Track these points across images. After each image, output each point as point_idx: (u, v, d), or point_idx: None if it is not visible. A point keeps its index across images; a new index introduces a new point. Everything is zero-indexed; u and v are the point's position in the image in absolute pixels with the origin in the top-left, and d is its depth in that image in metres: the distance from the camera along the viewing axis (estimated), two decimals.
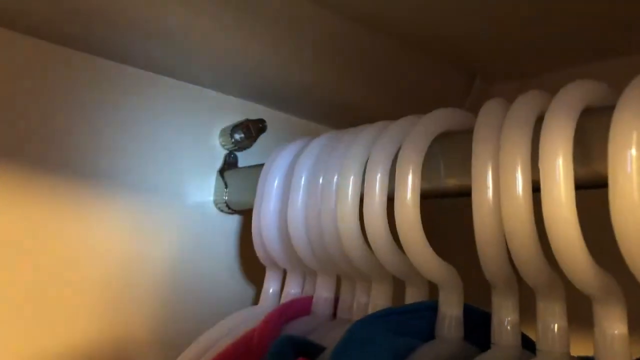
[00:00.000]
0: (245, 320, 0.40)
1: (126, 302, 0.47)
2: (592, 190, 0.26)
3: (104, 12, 0.40)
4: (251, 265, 0.51)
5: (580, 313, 0.30)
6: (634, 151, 0.23)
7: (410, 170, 0.31)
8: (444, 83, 0.58)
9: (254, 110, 0.55)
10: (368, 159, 0.34)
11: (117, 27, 0.43)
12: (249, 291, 0.54)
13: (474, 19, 0.47)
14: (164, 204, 0.50)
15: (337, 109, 0.57)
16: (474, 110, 0.32)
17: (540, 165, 0.26)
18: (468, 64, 0.57)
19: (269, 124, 0.52)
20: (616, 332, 0.27)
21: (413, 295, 0.35)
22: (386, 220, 0.33)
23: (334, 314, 0.40)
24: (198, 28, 0.44)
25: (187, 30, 0.44)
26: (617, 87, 0.25)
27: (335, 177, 0.36)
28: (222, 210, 0.52)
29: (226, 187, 0.51)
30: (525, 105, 0.29)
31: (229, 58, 0.48)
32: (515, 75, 0.59)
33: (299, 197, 0.38)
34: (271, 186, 0.41)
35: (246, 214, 0.52)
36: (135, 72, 0.49)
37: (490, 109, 0.30)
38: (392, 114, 0.37)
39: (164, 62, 0.48)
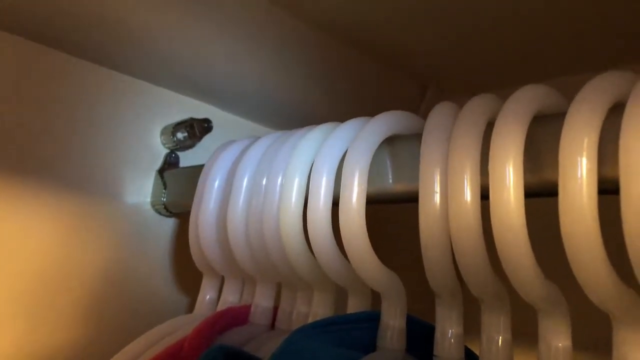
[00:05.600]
0: (177, 328, 0.38)
1: (53, 308, 0.44)
2: (541, 199, 0.26)
3: None
4: (188, 271, 0.49)
5: (525, 326, 0.30)
6: (584, 158, 0.23)
7: (357, 174, 0.30)
8: (395, 91, 0.58)
9: (197, 108, 0.53)
10: (314, 160, 0.33)
11: (53, 12, 0.40)
12: (185, 298, 0.51)
13: (430, 30, 0.47)
14: (96, 204, 0.47)
15: (286, 111, 0.55)
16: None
17: (490, 171, 0.25)
18: (421, 74, 0.57)
19: (214, 124, 0.50)
20: (560, 344, 0.26)
21: (355, 305, 0.34)
22: (330, 225, 0.32)
23: (273, 324, 0.38)
24: (140, 18, 0.42)
25: (128, 19, 0.41)
26: None
27: (279, 178, 0.34)
28: (159, 213, 0.50)
29: (165, 188, 0.48)
30: (475, 110, 0.28)
31: (174, 52, 0.46)
32: (469, 89, 0.58)
33: (240, 199, 0.37)
34: (211, 187, 0.39)
35: (185, 217, 0.50)
36: (69, 60, 0.45)
37: (440, 113, 0.30)
38: (341, 119, 0.36)
39: (101, 50, 0.45)
